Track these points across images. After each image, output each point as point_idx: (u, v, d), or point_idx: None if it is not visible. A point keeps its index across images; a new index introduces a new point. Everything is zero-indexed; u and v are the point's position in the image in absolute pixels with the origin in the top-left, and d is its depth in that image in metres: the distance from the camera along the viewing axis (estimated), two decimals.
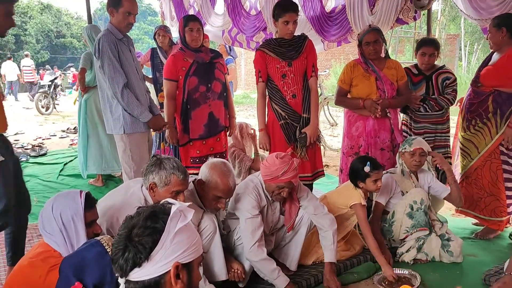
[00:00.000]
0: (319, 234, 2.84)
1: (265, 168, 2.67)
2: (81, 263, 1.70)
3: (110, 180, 5.18)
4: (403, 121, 3.84)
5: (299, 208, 2.85)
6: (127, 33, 3.35)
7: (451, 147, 3.80)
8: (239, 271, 2.63)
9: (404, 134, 3.76)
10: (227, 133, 3.89)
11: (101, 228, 2.08)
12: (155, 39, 5.02)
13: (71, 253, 1.82)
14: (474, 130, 3.51)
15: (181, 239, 1.29)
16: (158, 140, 4.57)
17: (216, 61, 3.65)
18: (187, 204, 1.36)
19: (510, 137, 3.33)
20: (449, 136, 3.74)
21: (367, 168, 2.98)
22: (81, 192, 1.99)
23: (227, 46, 6.12)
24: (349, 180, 3.17)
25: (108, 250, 1.67)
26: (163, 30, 4.94)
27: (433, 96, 3.64)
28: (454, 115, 3.85)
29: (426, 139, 3.55)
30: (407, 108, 3.73)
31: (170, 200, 1.39)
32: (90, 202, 1.98)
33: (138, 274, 1.25)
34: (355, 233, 3.22)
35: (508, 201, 3.50)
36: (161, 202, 1.39)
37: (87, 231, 1.92)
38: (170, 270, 1.25)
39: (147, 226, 1.28)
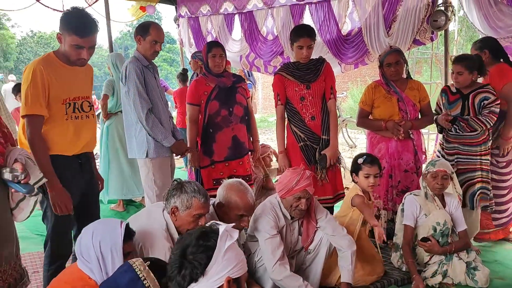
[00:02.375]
0: (338, 255, 2.82)
1: (279, 183, 2.73)
2: None
3: (131, 205, 5.21)
4: (439, 142, 3.75)
5: (317, 229, 2.84)
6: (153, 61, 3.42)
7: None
8: None
9: (439, 155, 3.67)
10: (251, 157, 3.90)
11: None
12: None
13: (106, 279, 1.84)
14: None
15: (230, 256, 1.43)
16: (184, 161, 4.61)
17: (238, 85, 3.68)
18: (232, 224, 1.51)
19: (503, 146, 3.57)
20: (487, 160, 3.52)
21: (360, 160, 3.08)
22: (121, 222, 2.01)
23: (245, 71, 6.19)
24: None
25: (140, 276, 1.68)
26: None
27: (465, 117, 3.46)
28: None
29: (457, 160, 3.52)
30: (442, 127, 3.62)
31: (217, 221, 1.54)
32: (129, 234, 2.00)
33: None
34: (376, 257, 3.18)
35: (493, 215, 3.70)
36: (208, 224, 1.54)
37: None
38: (223, 284, 1.39)
39: (200, 245, 1.43)
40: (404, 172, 3.58)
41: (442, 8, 4.03)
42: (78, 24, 2.42)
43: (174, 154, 3.49)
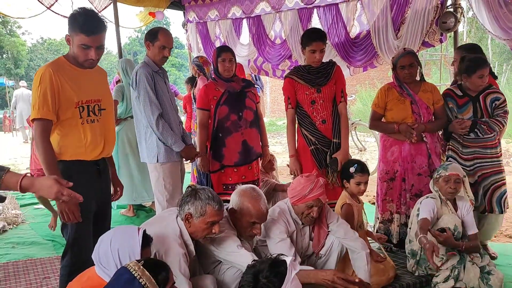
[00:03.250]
0: (351, 257, 2.80)
1: (292, 189, 2.71)
2: None
3: (140, 210, 5.23)
4: (449, 146, 3.59)
5: (328, 234, 2.83)
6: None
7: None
8: None
9: (451, 160, 3.53)
10: (260, 162, 3.89)
11: None
12: None
13: (107, 283, 1.85)
14: None
15: (296, 283, 1.77)
16: (191, 166, 4.62)
17: (248, 90, 3.70)
18: (291, 257, 1.89)
19: None
20: (501, 161, 3.50)
21: (352, 169, 3.10)
22: (138, 229, 2.02)
23: (253, 75, 6.19)
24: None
25: (135, 275, 1.70)
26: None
27: (484, 119, 3.39)
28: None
29: (477, 165, 3.45)
30: (450, 134, 3.55)
31: (281, 253, 1.95)
32: (146, 241, 2.01)
33: None
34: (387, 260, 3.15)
35: None
36: (273, 256, 1.90)
37: None
38: None
39: (273, 270, 1.76)
40: (418, 176, 3.53)
41: (451, 9, 3.99)
42: (84, 23, 2.36)
43: (184, 159, 3.51)
